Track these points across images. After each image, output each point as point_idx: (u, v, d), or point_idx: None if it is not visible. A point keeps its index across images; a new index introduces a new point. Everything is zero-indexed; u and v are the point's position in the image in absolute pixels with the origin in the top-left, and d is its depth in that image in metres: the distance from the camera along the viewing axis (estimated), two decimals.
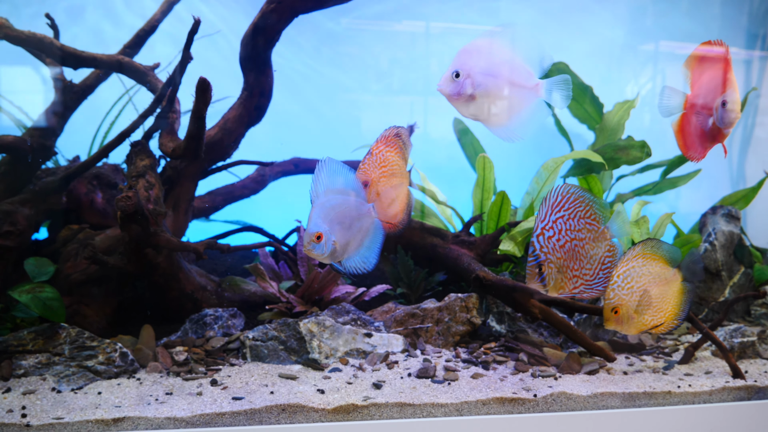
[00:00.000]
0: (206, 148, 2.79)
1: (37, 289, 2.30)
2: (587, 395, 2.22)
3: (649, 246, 2.18)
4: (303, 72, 3.79)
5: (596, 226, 2.13)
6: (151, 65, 2.83)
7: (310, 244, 1.94)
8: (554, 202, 2.08)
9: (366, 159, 2.14)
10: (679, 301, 2.22)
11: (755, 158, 4.25)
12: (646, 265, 2.16)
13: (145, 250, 2.50)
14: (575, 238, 2.10)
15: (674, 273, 2.21)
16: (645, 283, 2.15)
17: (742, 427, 2.31)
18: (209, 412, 1.99)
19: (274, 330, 2.45)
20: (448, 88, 2.02)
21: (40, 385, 2.16)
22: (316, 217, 1.95)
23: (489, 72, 2.02)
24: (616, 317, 2.14)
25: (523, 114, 2.09)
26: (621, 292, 2.12)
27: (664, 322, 2.20)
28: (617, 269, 2.13)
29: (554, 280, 2.08)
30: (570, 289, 2.11)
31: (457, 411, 2.12)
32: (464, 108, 2.05)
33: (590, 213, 2.12)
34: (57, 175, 2.72)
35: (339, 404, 2.06)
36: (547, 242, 2.06)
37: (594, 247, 2.13)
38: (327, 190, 2.00)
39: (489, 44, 2.05)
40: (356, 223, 2.04)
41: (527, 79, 2.05)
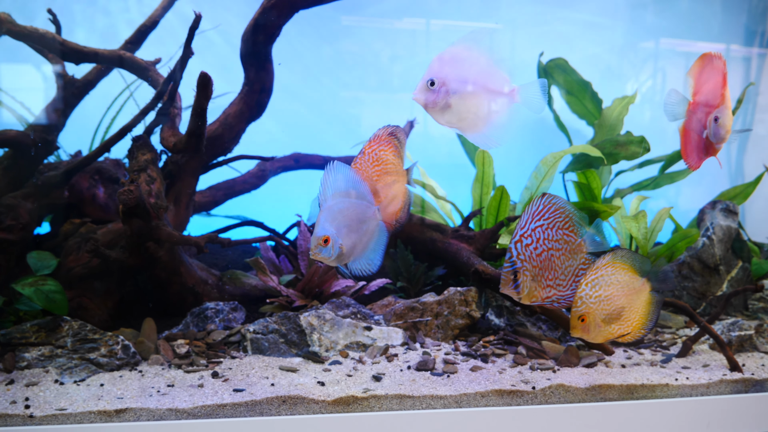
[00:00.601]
0: (207, 143, 2.81)
1: (40, 282, 2.32)
2: (585, 387, 2.23)
3: (618, 255, 2.16)
4: (303, 68, 3.81)
5: (574, 238, 2.14)
6: (152, 60, 2.84)
7: (317, 248, 1.96)
8: (536, 210, 2.09)
9: (358, 158, 2.14)
10: (646, 311, 2.20)
11: (754, 154, 4.26)
12: (615, 274, 2.14)
13: (147, 243, 2.52)
14: (552, 248, 2.11)
15: (643, 283, 2.19)
16: (613, 292, 2.13)
17: (739, 419, 2.33)
18: (210, 403, 2.01)
19: (274, 323, 2.47)
20: (424, 97, 2.02)
21: (43, 377, 2.18)
22: (324, 220, 1.97)
23: (464, 79, 2.02)
24: (583, 325, 2.11)
25: (500, 120, 2.09)
26: (589, 300, 2.11)
27: (630, 332, 2.18)
28: (586, 277, 2.12)
29: (528, 287, 2.09)
30: (543, 298, 2.13)
31: (456, 403, 2.14)
32: (440, 116, 2.04)
33: (569, 225, 2.14)
34: (59, 169, 2.74)
35: (339, 396, 2.08)
36: (524, 249, 2.07)
37: (570, 258, 2.14)
38: (334, 193, 2.02)
39: (464, 51, 2.04)
40: (362, 226, 2.06)
41: (503, 84, 2.05)
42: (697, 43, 4.22)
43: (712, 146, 2.42)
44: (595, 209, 2.99)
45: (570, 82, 3.67)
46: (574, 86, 3.69)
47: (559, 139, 3.81)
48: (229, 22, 3.16)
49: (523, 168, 3.41)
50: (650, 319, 2.20)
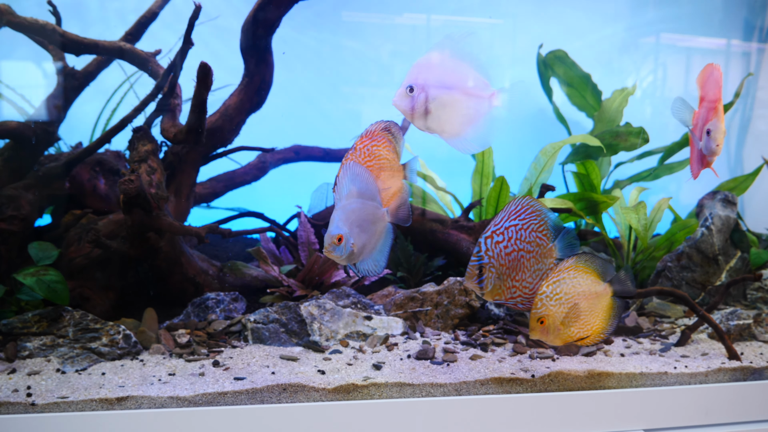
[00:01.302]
0: (207, 134, 2.82)
1: (42, 272, 2.33)
2: (584, 375, 2.25)
3: (582, 259, 2.13)
4: (303, 65, 3.81)
5: (545, 242, 2.13)
6: (152, 52, 2.85)
7: (330, 246, 1.96)
8: (513, 209, 2.08)
9: (349, 154, 2.14)
10: (607, 315, 2.17)
11: (753, 147, 4.27)
12: (577, 277, 2.12)
13: (148, 234, 2.53)
14: (523, 249, 2.10)
15: (605, 288, 2.16)
16: (574, 296, 2.11)
17: (737, 407, 2.34)
18: (211, 391, 2.02)
19: (275, 313, 2.48)
20: (403, 104, 2.00)
21: (45, 366, 2.19)
22: (338, 219, 1.97)
23: (443, 84, 2.00)
24: (542, 327, 2.08)
25: (480, 124, 2.08)
26: (549, 302, 2.08)
27: (590, 336, 2.15)
28: (547, 279, 2.10)
29: (492, 285, 2.08)
30: (506, 297, 2.11)
31: (455, 391, 2.15)
32: (421, 122, 2.03)
33: (543, 229, 2.12)
34: (60, 161, 2.75)
35: (339, 384, 2.09)
36: (494, 246, 2.06)
37: (539, 262, 2.13)
38: (348, 193, 2.03)
39: (442, 56, 2.02)
40: (372, 227, 2.06)
41: (482, 88, 2.04)
42: (697, 38, 4.22)
43: (704, 158, 2.44)
44: (594, 200, 3.00)
45: (570, 74, 3.68)
46: (573, 78, 3.69)
47: (558, 132, 3.82)
48: (229, 13, 3.16)
49: (523, 160, 3.41)
50: (610, 324, 2.17)
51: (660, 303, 2.99)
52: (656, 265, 3.14)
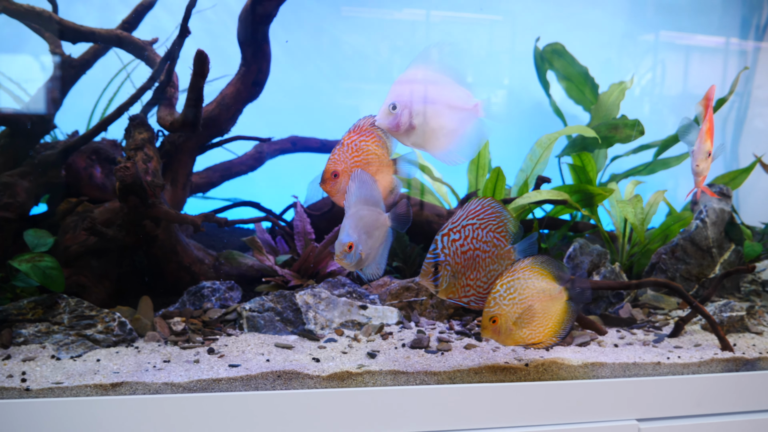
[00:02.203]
0: (204, 123, 2.82)
1: (37, 258, 2.33)
2: (578, 365, 2.26)
3: (538, 261, 2.12)
4: (301, 60, 3.81)
5: (503, 244, 2.12)
6: (149, 40, 2.84)
7: (342, 254, 1.96)
8: (473, 208, 2.07)
9: (336, 149, 2.13)
10: (561, 319, 2.15)
11: (748, 143, 4.28)
12: (532, 278, 2.10)
13: (144, 222, 2.53)
14: (479, 249, 2.09)
15: (560, 291, 2.14)
16: (528, 297, 2.08)
17: (729, 397, 2.36)
18: (206, 378, 2.03)
19: (270, 301, 2.49)
20: (387, 122, 1.99)
21: (40, 353, 2.20)
22: (349, 227, 1.98)
23: (426, 100, 1.99)
24: (494, 326, 2.06)
25: (465, 136, 2.06)
26: (502, 301, 2.06)
27: (542, 339, 2.13)
28: (501, 278, 2.08)
29: (447, 283, 2.07)
30: (460, 296, 2.10)
31: (449, 379, 2.16)
32: (405, 139, 2.02)
33: (501, 230, 2.11)
34: (56, 148, 2.75)
35: (334, 371, 2.10)
36: (450, 244, 2.05)
37: (495, 262, 2.11)
38: (358, 200, 2.03)
39: (423, 71, 2.01)
40: (376, 232, 2.07)
41: (465, 100, 2.03)
42: (696, 35, 4.23)
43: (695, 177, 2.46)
44: (590, 192, 3.01)
45: (567, 67, 3.69)
46: (571, 72, 3.70)
47: (555, 125, 3.82)
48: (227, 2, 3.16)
49: (520, 151, 3.42)
50: (563, 328, 2.15)
51: (654, 295, 3.00)
52: (651, 258, 3.15)
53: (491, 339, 2.10)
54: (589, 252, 2.87)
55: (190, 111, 2.46)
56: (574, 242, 2.89)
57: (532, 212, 3.12)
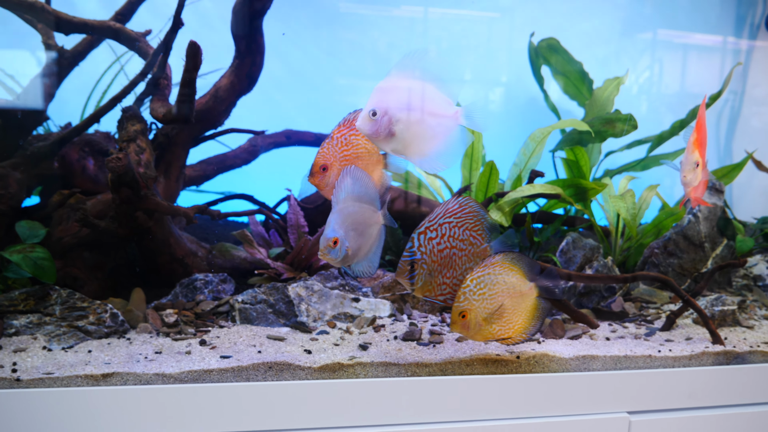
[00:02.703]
0: (198, 115, 2.82)
1: (28, 249, 2.33)
2: (569, 358, 2.26)
3: (509, 257, 2.11)
4: (299, 56, 3.80)
5: (479, 242, 2.13)
6: (142, 32, 2.84)
7: (326, 249, 1.97)
8: (450, 207, 2.08)
9: (325, 143, 2.13)
10: (530, 316, 2.15)
11: (742, 139, 4.29)
12: (503, 274, 2.09)
13: (136, 213, 2.53)
14: (456, 247, 2.09)
15: (530, 287, 2.14)
16: (498, 292, 2.08)
17: (720, 390, 2.37)
18: (197, 369, 2.03)
19: (263, 293, 2.49)
20: (367, 128, 1.97)
21: (31, 344, 2.19)
22: (335, 222, 1.98)
23: (407, 106, 1.99)
24: (463, 321, 2.06)
25: (445, 143, 2.05)
26: (472, 297, 2.05)
27: (511, 335, 2.13)
28: (472, 273, 2.07)
29: (423, 281, 2.07)
30: (436, 294, 2.10)
31: (441, 371, 2.16)
32: (386, 145, 2.01)
33: (478, 228, 2.12)
34: (48, 140, 2.74)
35: (325, 363, 2.10)
36: (427, 242, 2.06)
37: (471, 260, 2.12)
38: (348, 197, 2.03)
39: (404, 78, 2.00)
40: (368, 230, 2.07)
41: (446, 108, 2.02)
42: (693, 34, 4.23)
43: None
44: (583, 186, 3.01)
45: (561, 62, 3.69)
46: (565, 67, 3.70)
47: (550, 120, 3.82)
48: None
49: (514, 146, 3.42)
50: (533, 325, 2.15)
51: (646, 289, 3.01)
52: (644, 252, 3.15)
53: (461, 334, 2.09)
54: (582, 246, 2.88)
55: (182, 103, 2.45)
56: (567, 236, 2.90)
57: (526, 206, 3.12)
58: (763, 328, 2.71)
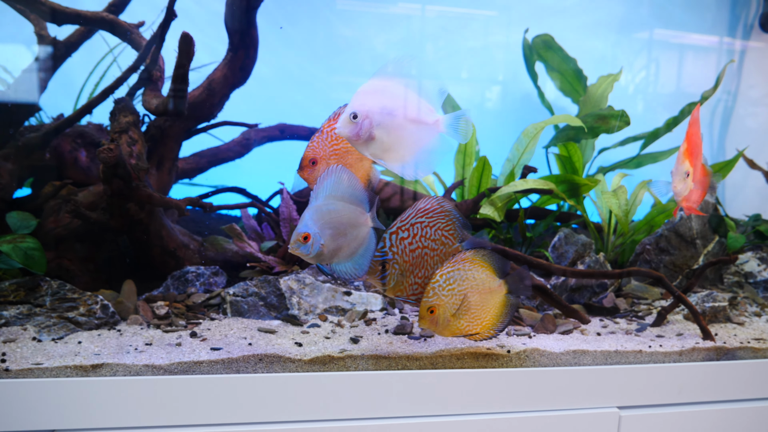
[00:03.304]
0: (190, 108, 2.81)
1: (18, 239, 2.32)
2: (560, 352, 2.26)
3: (479, 253, 2.12)
4: (297, 53, 3.80)
5: (451, 242, 2.12)
6: (135, 23, 2.83)
7: (296, 243, 1.95)
8: (422, 207, 2.07)
9: (315, 137, 2.12)
10: (499, 312, 2.15)
11: (735, 137, 4.31)
12: (473, 270, 2.09)
13: (128, 205, 2.52)
14: (427, 247, 2.09)
15: (500, 284, 2.14)
16: (467, 288, 2.07)
17: (710, 385, 2.37)
18: (187, 360, 2.02)
19: (254, 286, 2.48)
20: (347, 130, 1.96)
21: (21, 335, 2.18)
22: (308, 218, 1.97)
23: (388, 111, 1.97)
24: (432, 317, 2.05)
25: (425, 150, 2.04)
26: (441, 292, 2.04)
27: (479, 331, 2.12)
28: (441, 269, 2.06)
29: (395, 281, 2.06)
30: (408, 294, 2.10)
31: (431, 364, 2.16)
32: (365, 148, 2.00)
33: (450, 228, 2.11)
34: (40, 131, 2.73)
35: (316, 355, 2.10)
36: (398, 242, 2.05)
37: (443, 260, 2.11)
38: (329, 195, 2.02)
39: (387, 83, 1.99)
40: (352, 231, 2.05)
41: (427, 115, 2.02)
42: (689, 34, 4.24)
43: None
44: (576, 182, 3.02)
45: (556, 59, 3.69)
46: (560, 63, 3.70)
47: (544, 117, 3.82)
48: None
49: (507, 142, 3.42)
50: (502, 321, 2.15)
51: (638, 285, 3.02)
52: (636, 248, 3.16)
53: (428, 329, 2.08)
54: (574, 242, 2.88)
55: (175, 94, 2.45)
56: (559, 232, 2.90)
57: (519, 202, 3.12)
58: (754, 325, 2.72)
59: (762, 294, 3.08)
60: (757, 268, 3.12)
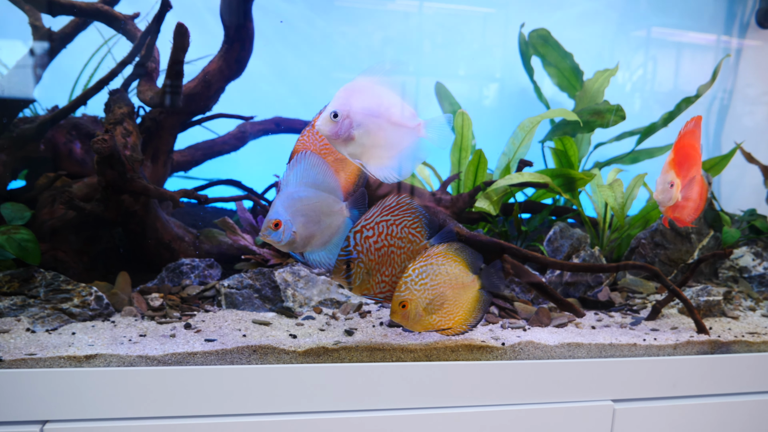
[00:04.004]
0: (186, 100, 2.80)
1: (12, 230, 2.31)
2: (554, 345, 2.26)
3: (452, 247, 2.10)
4: (295, 51, 3.79)
5: (419, 239, 2.10)
6: (130, 15, 2.82)
7: (266, 230, 1.94)
8: (387, 205, 2.04)
9: (306, 131, 2.11)
10: (472, 308, 2.14)
11: (730, 132, 4.31)
12: (446, 264, 2.08)
13: (122, 196, 2.51)
14: (393, 245, 2.07)
15: (473, 279, 2.13)
16: (440, 283, 2.06)
17: (704, 379, 2.38)
18: (181, 351, 2.02)
19: (249, 278, 2.48)
20: (327, 129, 1.95)
21: (15, 326, 2.18)
22: (279, 205, 1.95)
23: (369, 112, 1.96)
24: (403, 311, 2.03)
25: (404, 153, 2.04)
26: (413, 287, 2.03)
27: (452, 326, 2.12)
28: (414, 263, 2.05)
29: (361, 280, 2.05)
30: (375, 292, 2.08)
31: (426, 357, 2.16)
32: (343, 148, 1.98)
33: (417, 226, 2.09)
34: (35, 122, 2.72)
35: (310, 347, 2.09)
36: (363, 241, 2.03)
37: (411, 258, 2.10)
38: (300, 182, 2.00)
39: (371, 84, 1.99)
40: (325, 219, 2.04)
41: (409, 119, 2.01)
42: (686, 32, 4.24)
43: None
44: (572, 176, 3.01)
45: (552, 53, 3.69)
46: (555, 58, 3.70)
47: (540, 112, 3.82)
48: None
49: (505, 137, 3.42)
50: (474, 317, 2.14)
51: (633, 279, 3.02)
52: (631, 243, 3.16)
53: (400, 324, 2.07)
54: (569, 236, 2.88)
55: (170, 86, 2.44)
56: (555, 226, 2.90)
57: (514, 196, 3.12)
58: (749, 319, 2.72)
59: (756, 288, 3.09)
60: (751, 263, 3.13)
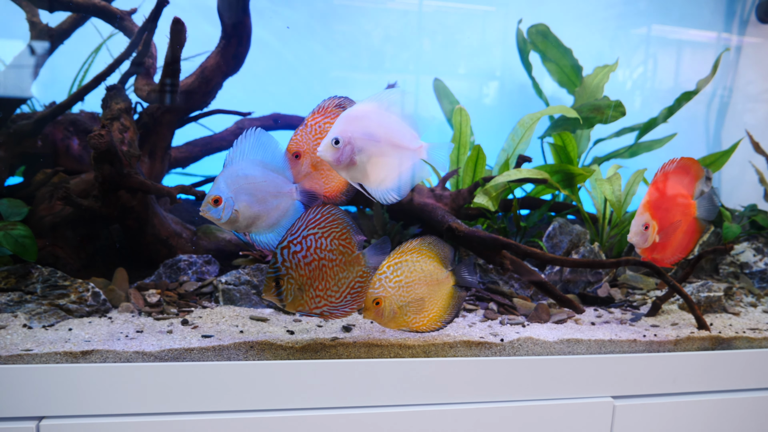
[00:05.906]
0: (183, 96, 2.79)
1: (9, 226, 2.30)
2: (553, 341, 2.25)
3: (426, 243, 2.08)
4: (294, 50, 3.77)
5: (350, 250, 2.06)
6: (127, 10, 2.80)
7: (206, 206, 1.91)
8: (312, 218, 1.99)
9: (299, 130, 2.10)
10: (446, 304, 2.12)
11: (731, 128, 4.30)
12: (420, 261, 2.05)
13: (119, 192, 2.50)
14: (324, 258, 2.02)
15: (447, 275, 2.11)
16: (415, 280, 2.04)
17: (705, 375, 2.36)
18: (178, 347, 2.01)
19: (247, 275, 2.47)
20: (329, 155, 1.94)
21: (11, 322, 2.17)
22: (221, 181, 1.93)
23: (371, 136, 1.96)
24: (377, 309, 2.00)
25: (404, 175, 2.03)
26: (388, 284, 2.00)
27: (426, 324, 2.09)
28: (389, 260, 2.02)
29: (293, 296, 2.00)
30: (311, 308, 2.03)
31: (424, 353, 2.15)
32: (345, 173, 1.98)
33: (345, 236, 2.05)
34: (32, 119, 2.71)
35: (307, 343, 2.08)
36: (291, 257, 1.97)
37: (345, 270, 2.06)
38: (248, 160, 1.97)
39: (372, 109, 1.98)
40: (273, 200, 2.01)
41: (410, 141, 2.00)
42: (686, 29, 4.23)
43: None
44: (570, 172, 3.00)
45: (551, 49, 3.67)
46: (555, 54, 3.68)
47: (540, 108, 3.81)
48: None
49: (504, 134, 3.41)
50: (449, 313, 2.12)
51: (632, 275, 3.01)
52: None
53: (374, 321, 2.05)
54: (569, 232, 2.87)
55: (167, 81, 2.43)
56: (554, 221, 2.89)
57: (513, 192, 3.11)
58: (749, 315, 2.71)
59: (758, 284, 3.07)
60: (752, 259, 3.11)
